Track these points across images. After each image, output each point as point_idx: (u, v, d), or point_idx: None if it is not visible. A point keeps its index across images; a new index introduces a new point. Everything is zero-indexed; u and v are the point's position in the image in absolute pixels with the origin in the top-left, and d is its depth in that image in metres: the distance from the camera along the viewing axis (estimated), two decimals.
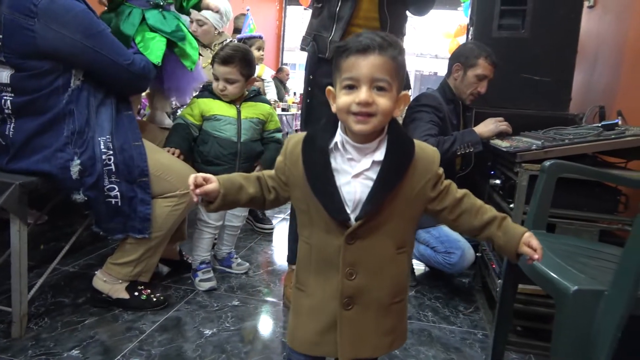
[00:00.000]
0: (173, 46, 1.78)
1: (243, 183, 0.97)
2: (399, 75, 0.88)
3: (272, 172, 1.00)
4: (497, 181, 1.83)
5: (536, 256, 0.90)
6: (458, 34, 6.95)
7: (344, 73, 0.88)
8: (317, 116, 1.76)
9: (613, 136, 1.52)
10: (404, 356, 1.55)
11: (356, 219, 0.90)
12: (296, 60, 12.12)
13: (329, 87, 0.93)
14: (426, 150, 0.95)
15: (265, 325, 1.74)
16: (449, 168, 2.09)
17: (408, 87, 2.09)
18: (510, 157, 1.62)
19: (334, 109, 0.91)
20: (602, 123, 1.65)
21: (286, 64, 8.60)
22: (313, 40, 1.79)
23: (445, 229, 2.02)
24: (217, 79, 1.92)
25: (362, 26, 1.75)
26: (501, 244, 0.95)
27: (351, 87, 0.87)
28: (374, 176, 0.89)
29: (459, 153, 1.91)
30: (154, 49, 1.68)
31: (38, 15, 1.42)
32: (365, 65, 0.85)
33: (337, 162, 0.92)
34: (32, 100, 1.50)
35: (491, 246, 1.87)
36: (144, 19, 1.71)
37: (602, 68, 2.55)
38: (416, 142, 0.95)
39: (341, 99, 0.88)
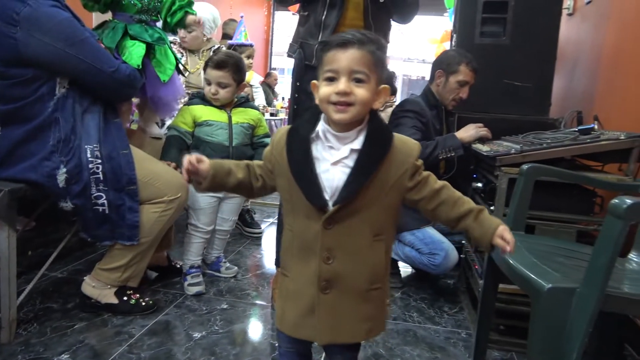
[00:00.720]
0: (151, 56, 1.81)
1: (232, 168, 1.04)
2: (377, 69, 0.94)
3: (260, 162, 1.07)
4: (479, 184, 1.88)
5: (508, 248, 0.94)
6: (444, 40, 7.05)
7: (326, 66, 0.94)
8: None
9: (588, 140, 1.58)
10: (390, 355, 1.59)
11: (333, 205, 0.95)
12: (285, 65, 12.16)
13: (314, 81, 0.99)
14: (406, 142, 1.00)
15: (254, 327, 1.76)
16: (433, 171, 2.12)
17: (393, 92, 2.14)
18: (491, 161, 1.67)
19: (317, 100, 0.97)
20: (579, 128, 1.71)
21: (274, 69, 8.63)
22: (300, 48, 1.83)
23: (429, 231, 2.07)
24: (209, 83, 1.97)
25: None
26: (476, 236, 0.99)
27: (332, 79, 0.93)
28: (352, 164, 0.94)
29: (441, 157, 1.97)
30: (133, 54, 1.71)
31: (20, 24, 1.43)
32: (345, 58, 0.92)
33: (317, 150, 0.97)
34: (17, 108, 1.51)
35: (467, 237, 1.92)
36: (126, 32, 1.74)
37: (581, 74, 2.63)
38: (397, 135, 1.00)
39: (322, 90, 0.94)
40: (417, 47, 11.12)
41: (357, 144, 0.95)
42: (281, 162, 1.00)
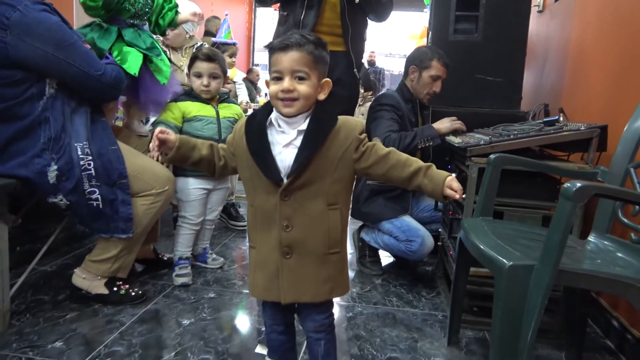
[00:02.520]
0: (148, 62, 1.86)
1: (197, 145, 1.20)
2: (317, 66, 1.08)
3: (224, 145, 1.22)
4: (453, 174, 1.97)
5: (457, 196, 1.08)
6: (423, 35, 7.16)
7: (272, 67, 1.09)
8: None
9: (552, 131, 1.69)
10: (370, 336, 1.69)
11: (287, 178, 1.09)
12: (267, 60, 12.17)
13: (266, 79, 1.13)
14: (349, 121, 1.14)
15: (241, 314, 1.84)
16: None
17: (370, 88, 2.24)
18: (462, 152, 1.77)
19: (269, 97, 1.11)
20: (544, 120, 1.82)
21: (257, 65, 8.65)
22: None
23: (406, 219, 2.17)
24: (199, 76, 2.03)
25: (326, 33, 1.88)
26: (429, 190, 1.12)
27: (278, 79, 1.08)
28: (299, 144, 1.09)
29: (419, 146, 2.07)
30: (131, 62, 1.77)
31: (10, 28, 1.48)
32: (286, 60, 1.06)
33: (272, 135, 1.12)
34: (7, 107, 1.55)
35: (422, 191, 2.02)
36: (120, 35, 1.79)
37: (550, 69, 2.75)
38: (342, 117, 1.14)
39: (271, 88, 1.09)
40: (398, 43, 11.22)
41: (303, 126, 1.10)
42: (241, 145, 1.14)
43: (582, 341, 1.65)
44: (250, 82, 6.20)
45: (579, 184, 1.02)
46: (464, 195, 1.09)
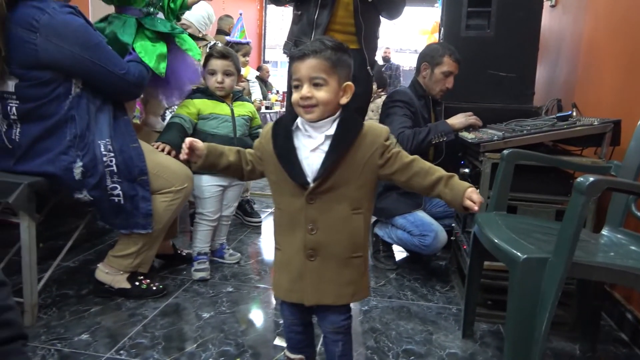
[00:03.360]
0: (173, 41, 1.90)
1: (225, 152, 1.23)
2: (337, 70, 1.10)
3: (251, 150, 1.26)
4: (467, 170, 2.00)
5: (476, 208, 1.07)
6: (434, 31, 7.14)
7: (293, 76, 1.13)
8: None
9: (565, 126, 1.71)
10: (385, 329, 1.72)
11: (313, 182, 1.11)
12: (278, 58, 12.22)
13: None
14: (374, 127, 1.15)
15: (258, 308, 1.89)
16: (422, 157, 2.26)
17: (382, 85, 2.27)
18: (476, 148, 1.79)
19: None
20: (557, 115, 1.83)
21: (267, 62, 8.71)
22: (294, 46, 1.94)
23: (420, 214, 2.19)
24: (213, 73, 2.07)
25: (339, 32, 1.91)
26: (449, 200, 1.12)
27: (297, 87, 1.11)
28: (327, 148, 1.11)
29: (433, 142, 2.09)
30: (157, 60, 1.81)
31: (39, 30, 1.54)
32: (304, 68, 1.10)
33: (298, 139, 1.15)
34: (36, 107, 1.61)
35: (448, 205, 2.05)
36: (140, 26, 1.83)
37: (562, 64, 2.75)
38: (367, 122, 1.16)
39: (293, 96, 1.12)
40: (409, 38, 11.19)
41: (331, 130, 1.12)
42: (268, 149, 1.17)
43: (596, 333, 1.67)
44: (261, 80, 6.26)
45: (591, 179, 1.05)
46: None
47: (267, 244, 2.67)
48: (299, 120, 1.15)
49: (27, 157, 1.64)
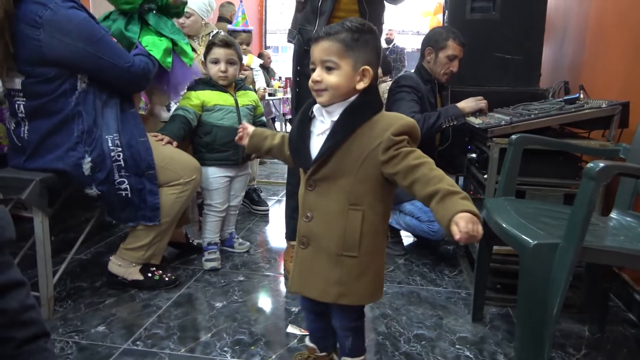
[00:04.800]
0: (174, 45, 1.91)
1: (268, 135, 1.28)
2: (351, 53, 1.05)
3: None
4: (474, 155, 2.01)
5: (457, 237, 0.88)
6: (437, 12, 7.07)
7: (311, 59, 1.10)
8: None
9: (573, 110, 1.70)
10: (396, 314, 1.74)
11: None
12: (279, 43, 12.11)
13: None
14: (388, 118, 1.07)
15: (270, 296, 1.91)
16: (429, 143, 2.27)
17: (388, 71, 2.26)
18: (483, 133, 1.79)
19: None
20: (565, 98, 1.83)
21: (269, 47, 8.64)
22: (298, 34, 1.93)
23: None
24: (216, 62, 2.06)
25: (343, 18, 1.89)
26: (438, 219, 0.95)
27: (314, 70, 1.09)
28: None
29: (444, 126, 2.08)
30: (164, 54, 1.81)
31: (43, 26, 1.53)
32: (316, 50, 1.07)
33: (314, 125, 1.14)
34: (43, 103, 1.62)
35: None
36: (143, 21, 1.83)
37: (569, 45, 2.72)
38: (388, 112, 1.10)
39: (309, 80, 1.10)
40: (411, 20, 11.08)
41: (337, 116, 1.09)
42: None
43: (605, 315, 1.69)
44: (262, 67, 6.22)
45: (601, 164, 1.05)
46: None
47: (275, 232, 2.69)
48: (315, 106, 1.13)
49: (36, 154, 1.65)
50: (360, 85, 1.07)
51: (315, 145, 1.11)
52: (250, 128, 1.29)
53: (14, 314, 0.81)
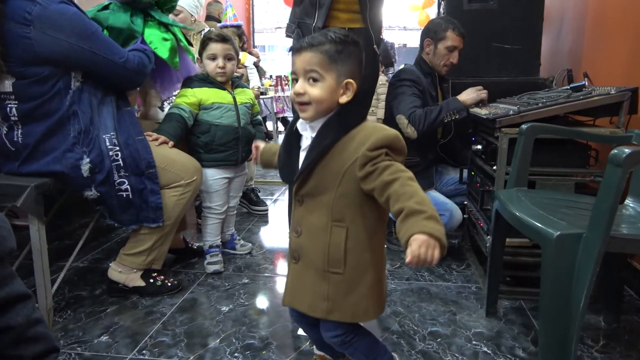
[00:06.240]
0: (179, 41, 1.85)
1: (277, 150, 1.21)
2: (335, 66, 1.00)
3: None
4: (479, 147, 1.97)
5: (407, 259, 0.84)
6: (426, 6, 7.04)
7: (291, 70, 1.06)
8: None
9: (581, 97, 1.67)
10: (408, 312, 1.70)
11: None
12: (266, 42, 12.05)
13: None
14: (366, 132, 1.00)
15: (276, 298, 1.86)
16: (431, 137, 2.23)
17: (390, 64, 2.22)
18: (490, 124, 1.75)
19: None
20: (571, 85, 1.79)
21: (256, 47, 8.56)
22: (297, 28, 1.87)
23: (433, 194, 2.17)
24: (214, 58, 2.00)
25: (343, 10, 1.85)
26: (399, 237, 0.90)
27: (295, 80, 1.05)
28: None
29: (446, 120, 2.04)
30: (172, 57, 1.77)
31: (33, 23, 1.46)
32: (299, 61, 1.02)
33: (302, 140, 1.10)
34: (37, 105, 1.55)
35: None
36: (146, 15, 1.76)
37: (568, 32, 2.70)
38: (366, 124, 1.03)
39: (290, 92, 1.07)
40: (397, 15, 11.06)
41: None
42: None
43: (619, 304, 1.66)
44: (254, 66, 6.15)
45: (627, 150, 1.01)
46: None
47: (276, 232, 2.64)
48: (299, 120, 1.09)
49: (32, 158, 1.58)
50: (343, 99, 1.03)
51: (301, 160, 1.09)
52: (261, 145, 1.31)
53: (21, 330, 0.75)
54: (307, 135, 1.07)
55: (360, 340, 1.15)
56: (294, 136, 1.12)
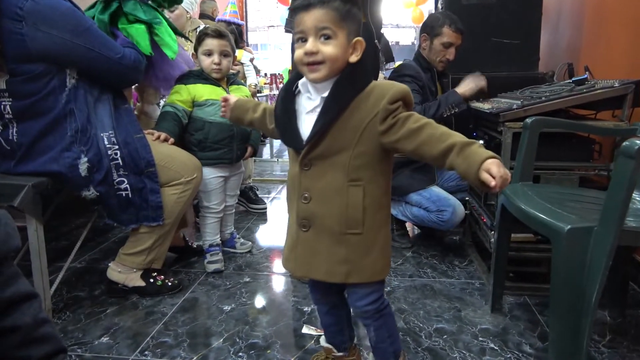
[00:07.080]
0: (154, 35, 1.76)
1: (250, 107, 1.27)
2: (345, 23, 0.98)
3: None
4: (481, 142, 1.95)
5: (493, 183, 0.84)
6: (420, 2, 7.02)
7: (296, 29, 1.01)
8: None
9: (585, 90, 1.65)
10: (412, 309, 1.69)
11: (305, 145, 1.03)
12: (259, 40, 12.01)
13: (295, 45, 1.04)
14: (381, 87, 1.00)
15: (279, 296, 1.84)
16: None
17: (390, 58, 2.20)
18: (493, 118, 1.74)
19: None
20: (573, 79, 1.78)
21: (249, 45, 8.52)
22: None
23: (435, 189, 2.15)
24: (209, 54, 1.96)
25: None
26: (462, 172, 0.90)
27: (302, 40, 0.99)
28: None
29: (445, 115, 2.03)
30: (140, 40, 1.68)
31: (25, 19, 1.42)
32: (309, 18, 0.97)
33: (299, 102, 1.07)
34: (32, 103, 1.51)
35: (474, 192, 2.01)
36: (120, 8, 1.69)
37: (566, 27, 2.69)
38: (377, 82, 1.03)
39: (295, 53, 1.00)
40: (390, 12, 11.05)
41: (326, 92, 1.01)
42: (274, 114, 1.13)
43: (625, 299, 1.65)
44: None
45: (639, 142, 1.00)
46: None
47: (275, 230, 2.61)
48: (300, 81, 1.06)
49: (28, 157, 1.54)
50: (353, 58, 1.01)
51: (306, 123, 1.04)
52: (233, 98, 1.29)
53: (28, 330, 0.72)
54: (312, 96, 1.04)
55: (390, 311, 1.17)
56: (291, 97, 1.07)
